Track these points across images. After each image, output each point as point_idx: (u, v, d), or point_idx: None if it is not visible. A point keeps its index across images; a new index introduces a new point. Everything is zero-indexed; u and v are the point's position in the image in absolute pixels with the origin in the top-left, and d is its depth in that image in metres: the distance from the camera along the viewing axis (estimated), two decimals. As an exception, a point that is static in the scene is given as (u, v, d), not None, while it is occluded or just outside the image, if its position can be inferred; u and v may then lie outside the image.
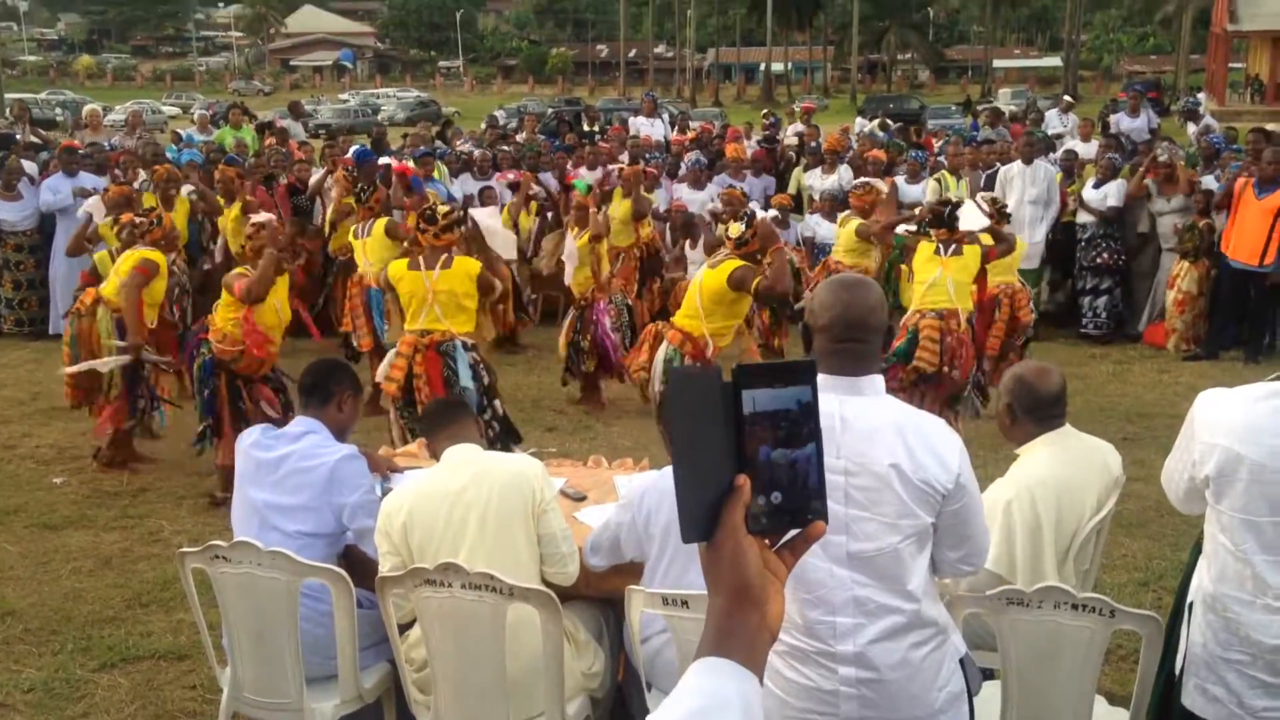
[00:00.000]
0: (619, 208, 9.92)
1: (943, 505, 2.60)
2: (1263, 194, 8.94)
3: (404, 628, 3.49)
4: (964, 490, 2.62)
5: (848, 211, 9.25)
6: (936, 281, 6.84)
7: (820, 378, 2.56)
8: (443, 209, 6.33)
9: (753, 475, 1.06)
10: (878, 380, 2.67)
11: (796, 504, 1.07)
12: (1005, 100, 36.30)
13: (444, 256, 6.06)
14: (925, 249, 7.01)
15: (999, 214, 7.50)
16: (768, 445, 1.06)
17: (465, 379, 5.94)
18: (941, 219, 6.93)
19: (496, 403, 6.13)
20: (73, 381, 6.76)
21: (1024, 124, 15.80)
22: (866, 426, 2.57)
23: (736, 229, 6.45)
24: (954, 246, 6.89)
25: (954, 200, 7.42)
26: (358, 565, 3.66)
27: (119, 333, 6.63)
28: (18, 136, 12.85)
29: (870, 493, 2.56)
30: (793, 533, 1.10)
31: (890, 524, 2.56)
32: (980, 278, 7.13)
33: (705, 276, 6.53)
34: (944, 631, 2.70)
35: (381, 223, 8.13)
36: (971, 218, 7.08)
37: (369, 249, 8.09)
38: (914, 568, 2.61)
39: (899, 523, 2.57)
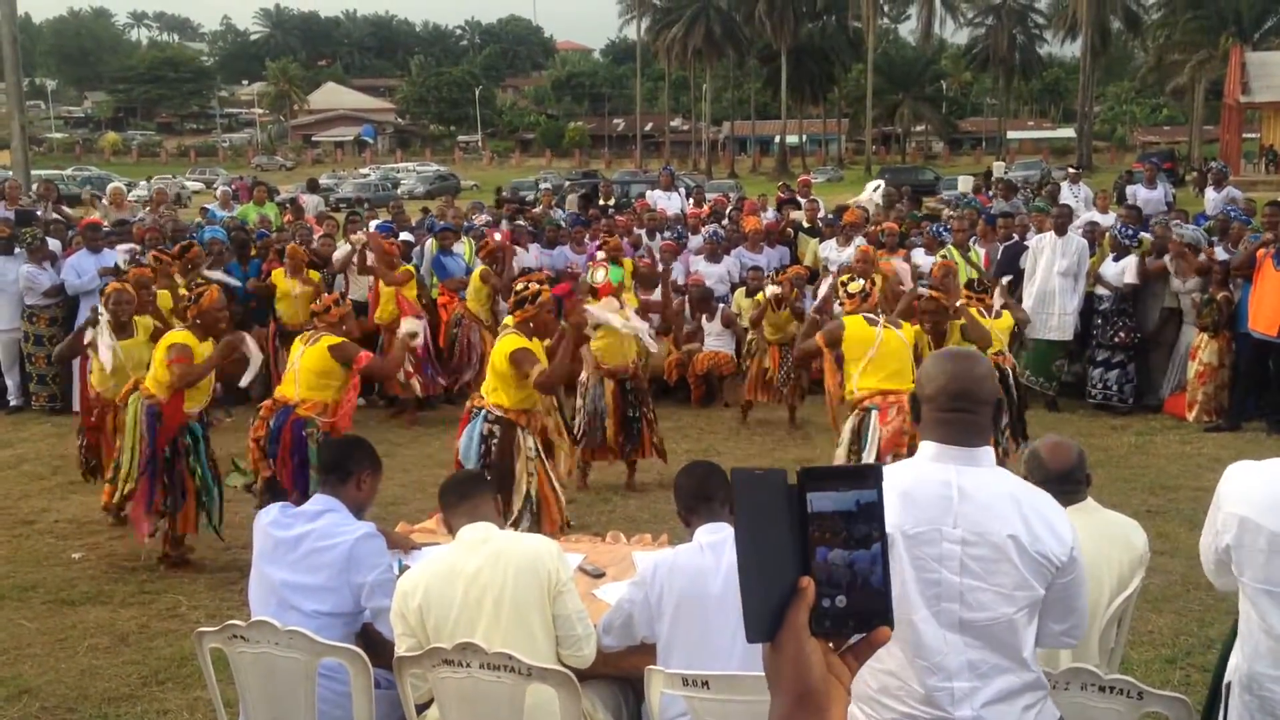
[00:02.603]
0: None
1: (1055, 577, 2.63)
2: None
3: (421, 708, 3.45)
4: (1075, 563, 2.65)
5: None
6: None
7: (933, 447, 2.66)
8: (518, 286, 6.15)
9: (816, 576, 1.06)
10: (990, 451, 2.70)
11: (860, 607, 1.06)
12: (998, 172, 36.10)
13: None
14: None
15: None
16: (825, 546, 1.06)
17: (463, 446, 6.00)
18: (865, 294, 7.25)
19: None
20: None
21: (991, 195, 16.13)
22: (985, 497, 2.60)
23: (857, 286, 6.78)
24: (995, 312, 7.49)
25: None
26: (375, 645, 3.64)
27: (149, 421, 6.42)
28: (39, 213, 13.01)
29: (987, 563, 2.58)
30: (857, 637, 1.09)
31: (1006, 595, 2.58)
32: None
33: (905, 333, 6.64)
34: (1047, 694, 2.73)
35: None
36: None
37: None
38: (1025, 637, 2.63)
39: (1014, 594, 2.59)
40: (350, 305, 6.76)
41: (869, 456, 6.27)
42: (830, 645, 1.08)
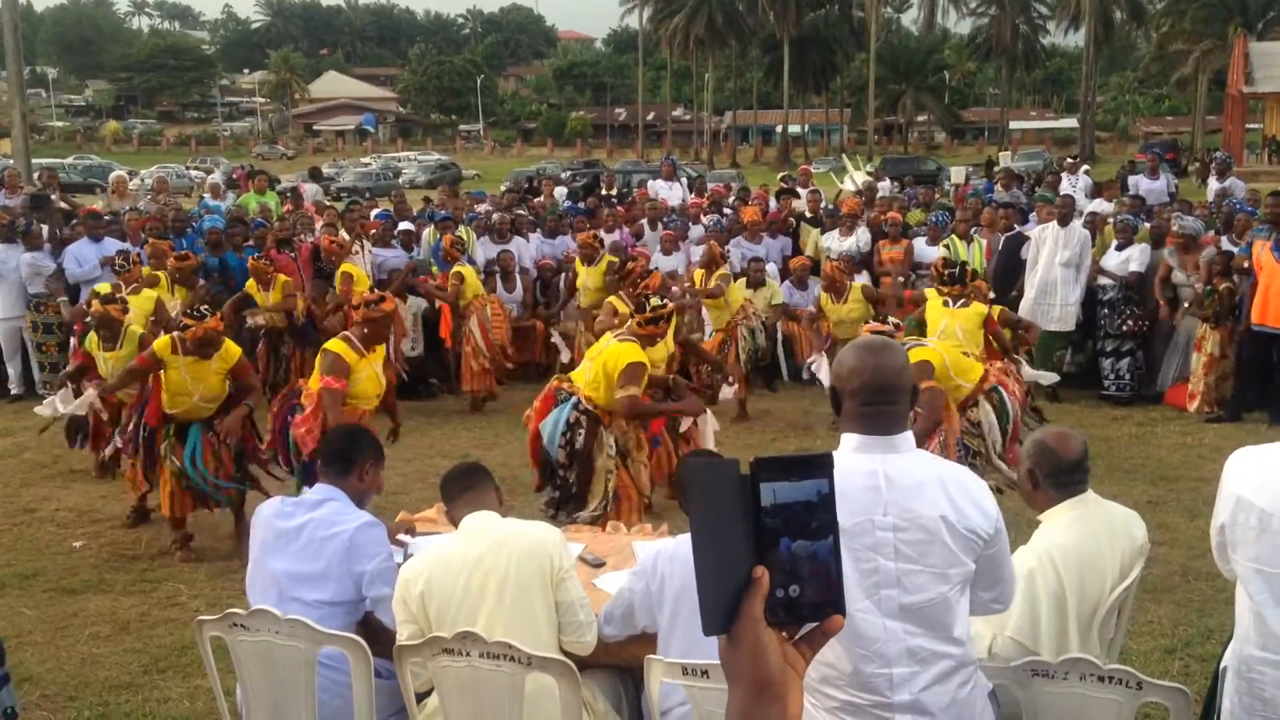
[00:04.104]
0: (593, 275, 10.41)
1: (983, 550, 2.70)
2: (1281, 256, 8.97)
3: (421, 696, 3.46)
4: (1000, 535, 2.74)
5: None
6: (946, 329, 7.29)
7: (856, 439, 2.70)
8: (654, 303, 6.24)
9: (772, 567, 1.05)
10: (910, 437, 2.75)
11: (815, 597, 1.06)
12: (1004, 162, 35.96)
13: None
14: (935, 303, 7.61)
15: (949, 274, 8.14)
16: (788, 537, 1.05)
17: (546, 427, 6.00)
18: (953, 277, 7.50)
19: (575, 470, 5.95)
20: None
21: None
22: (911, 482, 2.66)
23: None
24: (961, 300, 7.50)
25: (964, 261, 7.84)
26: (375, 634, 3.64)
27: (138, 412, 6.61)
28: (52, 196, 12.99)
29: (919, 545, 2.64)
30: (809, 626, 1.09)
31: (940, 574, 2.65)
32: (987, 344, 7.51)
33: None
34: (978, 669, 2.80)
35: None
36: None
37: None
38: (959, 613, 2.71)
39: (948, 572, 2.65)
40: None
41: (1009, 426, 6.39)
42: (784, 635, 1.08)
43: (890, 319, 7.24)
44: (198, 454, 6.41)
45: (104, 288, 8.31)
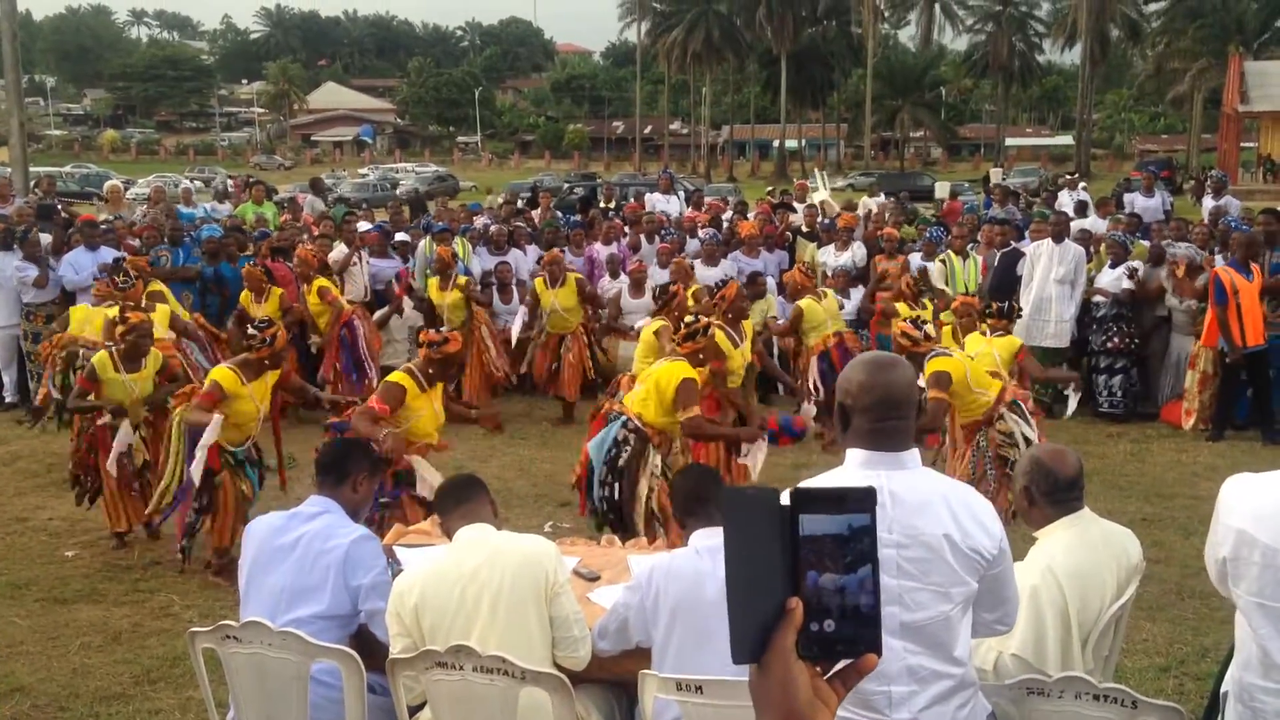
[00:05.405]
0: (562, 296, 10.24)
1: (986, 570, 2.70)
2: (1250, 276, 9.09)
3: (414, 710, 3.44)
4: (1004, 555, 2.73)
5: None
6: (983, 354, 7.22)
7: (862, 454, 2.70)
8: (688, 319, 6.20)
9: (806, 599, 1.04)
10: (916, 454, 2.75)
11: (848, 633, 1.05)
12: (996, 178, 35.82)
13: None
14: (974, 334, 7.71)
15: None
16: (816, 570, 1.05)
17: (594, 445, 5.97)
18: (1002, 311, 7.61)
19: (618, 486, 5.86)
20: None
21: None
22: (916, 499, 2.66)
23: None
24: (999, 331, 7.60)
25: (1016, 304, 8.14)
26: (368, 648, 3.62)
27: (189, 443, 6.21)
28: (59, 207, 12.97)
29: (922, 563, 2.64)
30: (844, 663, 1.07)
31: (942, 593, 2.64)
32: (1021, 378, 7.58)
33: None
34: (978, 690, 2.80)
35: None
36: None
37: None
38: (960, 633, 2.70)
39: (950, 591, 2.65)
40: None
41: (1033, 437, 6.35)
42: (818, 669, 1.07)
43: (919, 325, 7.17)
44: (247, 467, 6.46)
45: (111, 311, 8.18)
